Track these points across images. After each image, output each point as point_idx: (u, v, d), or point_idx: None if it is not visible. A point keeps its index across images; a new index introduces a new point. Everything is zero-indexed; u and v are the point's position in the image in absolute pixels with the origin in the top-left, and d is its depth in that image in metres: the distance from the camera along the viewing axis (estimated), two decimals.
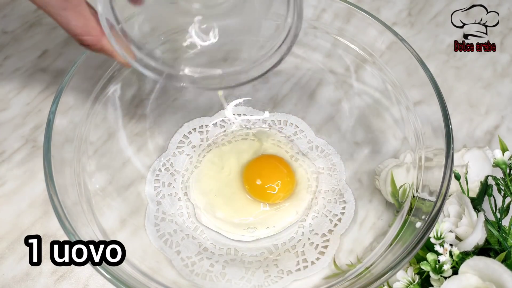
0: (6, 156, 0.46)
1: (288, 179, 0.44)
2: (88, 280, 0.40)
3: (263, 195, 0.43)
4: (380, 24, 0.40)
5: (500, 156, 0.39)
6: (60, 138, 0.35)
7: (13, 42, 0.54)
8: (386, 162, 0.42)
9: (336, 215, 0.42)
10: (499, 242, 0.35)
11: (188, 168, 0.45)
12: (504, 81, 0.53)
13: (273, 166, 0.45)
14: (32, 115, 0.49)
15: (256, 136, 0.48)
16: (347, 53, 0.44)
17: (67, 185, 0.35)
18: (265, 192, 0.43)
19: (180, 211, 0.43)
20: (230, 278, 0.38)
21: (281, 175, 0.44)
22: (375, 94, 0.44)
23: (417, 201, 0.36)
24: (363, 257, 0.38)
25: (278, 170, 0.44)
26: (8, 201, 0.43)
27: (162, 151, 0.46)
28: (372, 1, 0.60)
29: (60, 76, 0.52)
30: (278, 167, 0.45)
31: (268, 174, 0.44)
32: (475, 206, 0.38)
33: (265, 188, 0.43)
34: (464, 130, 0.49)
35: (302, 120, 0.48)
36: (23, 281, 0.39)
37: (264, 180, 0.43)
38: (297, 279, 0.38)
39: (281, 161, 0.45)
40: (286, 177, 0.44)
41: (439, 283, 0.33)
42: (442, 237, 0.34)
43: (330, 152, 0.46)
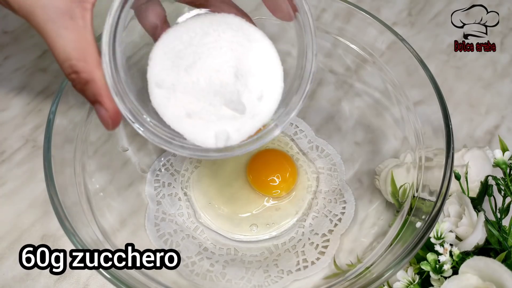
0: (6, 156, 0.46)
1: (291, 171, 0.45)
2: (88, 280, 0.40)
3: (266, 186, 0.44)
4: (380, 24, 0.40)
5: (500, 156, 0.39)
6: (60, 138, 0.35)
7: (13, 42, 0.54)
8: (386, 162, 0.42)
9: (336, 215, 0.42)
10: (499, 242, 0.35)
11: (188, 168, 0.45)
12: (504, 81, 0.53)
13: (278, 159, 0.46)
14: (32, 115, 0.49)
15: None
16: (347, 53, 0.44)
17: (67, 185, 0.35)
18: (268, 183, 0.44)
19: (180, 211, 0.43)
20: (230, 278, 0.38)
21: (285, 167, 0.45)
22: (375, 94, 0.44)
23: (417, 201, 0.36)
24: (363, 257, 0.37)
25: (282, 163, 0.45)
26: (8, 201, 0.43)
27: (162, 151, 0.46)
28: (372, 1, 0.60)
29: (60, 76, 0.52)
30: (282, 160, 0.45)
31: (273, 165, 0.45)
32: (475, 206, 0.38)
33: (268, 180, 0.44)
34: (464, 130, 0.49)
35: (302, 120, 0.48)
36: (23, 281, 0.39)
37: (268, 171, 0.44)
38: (297, 279, 0.38)
39: (285, 155, 0.46)
40: (289, 169, 0.45)
41: (439, 283, 0.33)
42: (442, 237, 0.34)
43: (330, 152, 0.46)
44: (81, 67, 0.25)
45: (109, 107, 0.25)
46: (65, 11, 0.25)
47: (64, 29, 0.25)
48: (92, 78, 0.25)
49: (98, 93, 0.25)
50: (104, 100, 0.25)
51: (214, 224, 0.42)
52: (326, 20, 0.43)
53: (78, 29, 0.25)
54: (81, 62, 0.25)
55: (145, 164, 0.45)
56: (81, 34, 0.25)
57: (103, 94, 0.25)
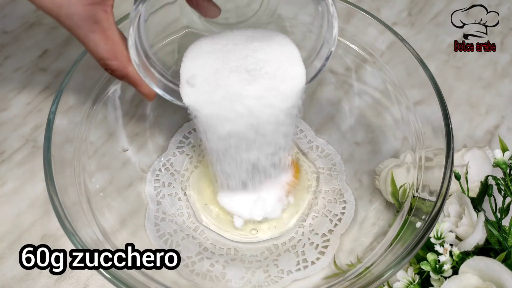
0: (6, 156, 0.46)
1: (296, 163, 0.45)
2: (88, 280, 0.40)
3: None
4: (380, 24, 0.40)
5: (500, 156, 0.39)
6: (60, 138, 0.35)
7: (13, 42, 0.54)
8: (386, 162, 0.42)
9: (336, 215, 0.42)
10: (499, 242, 0.35)
11: (188, 168, 0.45)
12: (504, 81, 0.53)
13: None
14: (32, 115, 0.49)
15: None
16: (347, 53, 0.44)
17: (67, 185, 0.35)
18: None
19: (180, 211, 0.43)
20: (230, 278, 0.38)
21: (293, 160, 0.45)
22: (375, 94, 0.44)
23: (417, 201, 0.36)
24: (363, 257, 0.37)
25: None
26: (8, 201, 0.43)
27: (162, 151, 0.46)
28: (372, 1, 0.60)
29: (60, 76, 0.52)
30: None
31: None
32: (475, 206, 0.38)
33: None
34: (464, 130, 0.49)
35: (302, 120, 0.48)
36: (23, 281, 0.39)
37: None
38: (297, 279, 0.38)
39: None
40: (295, 162, 0.45)
41: (439, 283, 0.33)
42: (442, 237, 0.34)
43: (330, 152, 0.46)
44: (114, 65, 0.29)
45: (145, 91, 0.32)
46: (88, 17, 0.27)
47: (91, 33, 0.28)
48: (126, 74, 0.30)
49: (134, 84, 0.31)
50: (140, 89, 0.31)
51: (214, 224, 0.42)
52: None
53: (104, 31, 0.28)
54: (113, 62, 0.29)
55: (145, 164, 0.45)
56: (107, 35, 0.28)
57: (138, 84, 0.31)
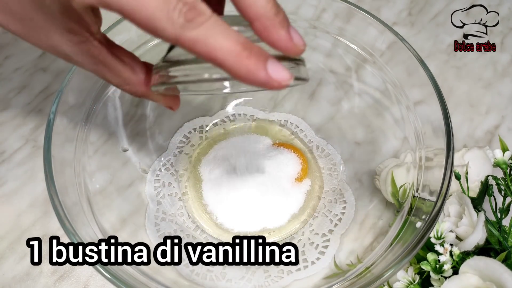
0: (6, 156, 0.46)
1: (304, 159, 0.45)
2: (88, 280, 0.40)
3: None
4: (380, 24, 0.40)
5: (500, 156, 0.39)
6: (60, 138, 0.35)
7: (13, 42, 0.54)
8: (386, 162, 0.42)
9: (336, 215, 0.42)
10: (499, 242, 0.35)
11: (188, 168, 0.45)
12: (504, 81, 0.53)
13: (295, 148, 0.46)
14: (32, 115, 0.49)
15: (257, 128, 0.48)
16: (347, 53, 0.44)
17: (67, 185, 0.35)
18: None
19: (180, 211, 0.43)
20: (230, 278, 0.38)
21: (303, 156, 0.45)
22: (375, 94, 0.44)
23: (417, 201, 0.36)
24: (363, 257, 0.37)
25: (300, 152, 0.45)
26: (8, 201, 0.43)
27: (162, 151, 0.46)
28: (372, 1, 0.60)
29: (60, 76, 0.52)
30: (299, 151, 0.46)
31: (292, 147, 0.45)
32: (475, 206, 0.38)
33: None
34: (464, 130, 0.49)
35: (302, 120, 0.48)
36: (23, 281, 0.39)
37: (291, 147, 0.45)
38: (297, 279, 0.38)
39: (297, 150, 0.46)
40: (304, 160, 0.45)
41: (440, 283, 0.33)
42: (443, 237, 0.34)
43: (330, 152, 0.46)
44: (127, 89, 0.29)
45: (168, 104, 0.32)
46: (84, 55, 0.27)
47: (94, 65, 0.28)
48: (142, 93, 0.30)
49: (154, 100, 0.31)
50: (162, 103, 0.32)
51: (214, 230, 0.42)
52: (326, 20, 0.43)
53: (103, 63, 0.27)
54: (125, 86, 0.29)
55: (145, 164, 0.45)
56: (108, 65, 0.28)
57: (158, 99, 0.31)
